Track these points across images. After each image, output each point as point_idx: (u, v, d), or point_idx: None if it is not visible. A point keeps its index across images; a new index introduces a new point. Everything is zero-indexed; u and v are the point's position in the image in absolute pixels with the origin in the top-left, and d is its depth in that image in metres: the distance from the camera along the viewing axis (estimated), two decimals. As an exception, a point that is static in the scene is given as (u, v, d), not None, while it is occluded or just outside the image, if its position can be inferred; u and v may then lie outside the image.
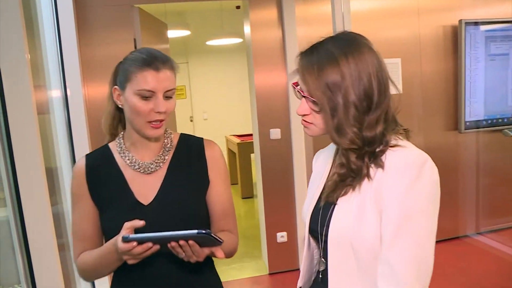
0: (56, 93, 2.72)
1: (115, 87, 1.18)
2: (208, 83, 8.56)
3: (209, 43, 6.83)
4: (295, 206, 3.47)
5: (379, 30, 3.50)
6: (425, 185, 0.92)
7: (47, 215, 1.72)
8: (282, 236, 3.49)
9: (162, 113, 1.13)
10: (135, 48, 2.83)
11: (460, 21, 3.53)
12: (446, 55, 3.67)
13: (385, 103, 0.97)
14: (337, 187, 1.00)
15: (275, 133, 3.41)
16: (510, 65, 3.71)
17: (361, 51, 0.96)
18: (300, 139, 3.40)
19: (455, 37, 3.62)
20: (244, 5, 3.48)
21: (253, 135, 3.66)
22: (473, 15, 3.60)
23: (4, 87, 1.60)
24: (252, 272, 3.59)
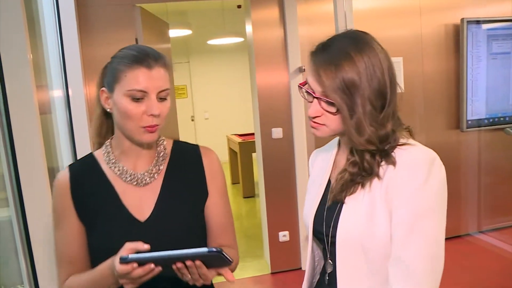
0: (57, 93, 2.72)
1: (103, 89, 1.05)
2: (210, 82, 8.56)
3: (211, 42, 6.84)
4: (297, 205, 3.46)
5: (381, 29, 3.48)
6: (435, 183, 0.92)
7: (49, 215, 1.72)
8: (284, 235, 3.49)
9: (155, 116, 1.00)
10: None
11: (462, 19, 3.52)
12: (448, 53, 3.66)
13: (395, 100, 0.97)
14: (346, 186, 0.98)
15: (277, 132, 3.40)
16: (512, 63, 3.71)
17: (372, 48, 0.95)
18: (302, 138, 3.39)
19: (457, 36, 3.61)
20: (246, 4, 3.47)
21: (254, 134, 3.66)
22: (475, 14, 3.59)
23: (6, 87, 1.61)
24: (254, 271, 3.59)
